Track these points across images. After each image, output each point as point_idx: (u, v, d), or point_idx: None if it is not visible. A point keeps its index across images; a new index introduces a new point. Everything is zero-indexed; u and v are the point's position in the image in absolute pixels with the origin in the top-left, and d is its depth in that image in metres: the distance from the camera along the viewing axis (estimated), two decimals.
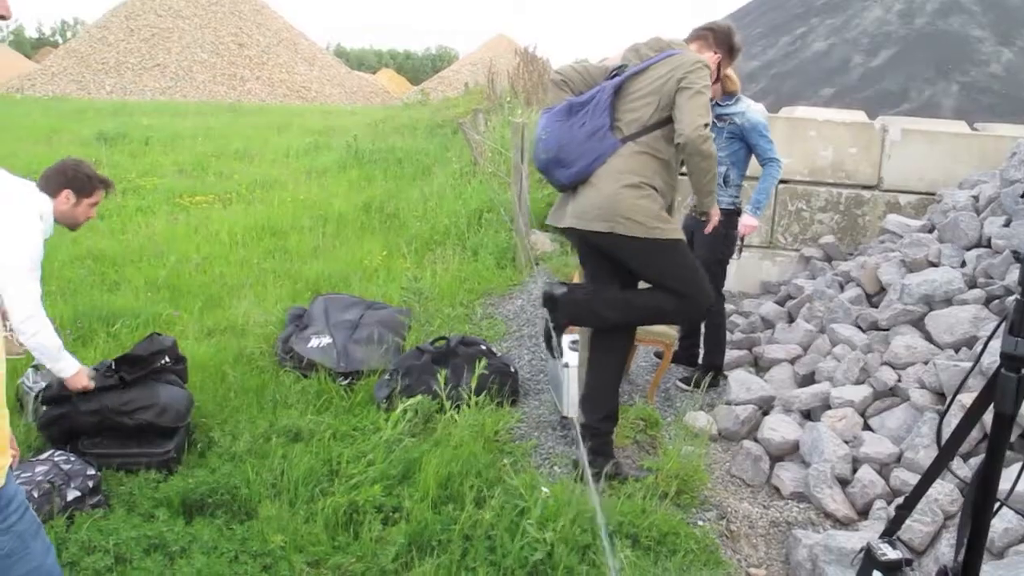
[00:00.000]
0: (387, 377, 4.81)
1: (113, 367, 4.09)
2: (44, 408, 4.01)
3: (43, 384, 4.30)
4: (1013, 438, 3.76)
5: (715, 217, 4.18)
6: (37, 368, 4.54)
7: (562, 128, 3.75)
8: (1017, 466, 3.43)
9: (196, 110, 27.26)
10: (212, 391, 4.68)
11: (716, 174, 3.93)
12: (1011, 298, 1.93)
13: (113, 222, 9.33)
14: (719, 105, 5.14)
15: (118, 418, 3.90)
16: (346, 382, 4.99)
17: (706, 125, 3.58)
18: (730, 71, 5.01)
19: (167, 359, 4.28)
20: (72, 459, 3.67)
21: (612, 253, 3.81)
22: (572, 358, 4.41)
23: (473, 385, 4.48)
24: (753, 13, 15.18)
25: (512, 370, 4.98)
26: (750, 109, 5.21)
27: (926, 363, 4.66)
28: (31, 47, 69.82)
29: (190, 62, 44.14)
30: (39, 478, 3.46)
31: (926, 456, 3.98)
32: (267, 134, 19.62)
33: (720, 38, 4.27)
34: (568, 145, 3.73)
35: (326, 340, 5.29)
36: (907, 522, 2.96)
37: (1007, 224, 5.51)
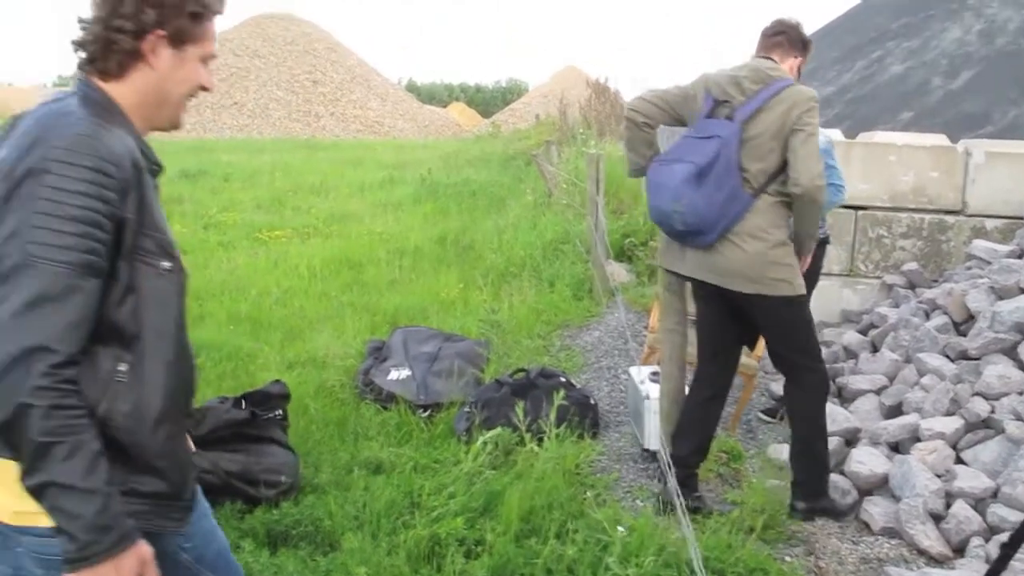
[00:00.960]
0: (466, 409, 4.82)
1: (243, 403, 4.17)
2: None
3: None
4: None
5: (810, 256, 4.09)
6: None
7: (698, 197, 3.55)
8: None
9: (273, 146, 27.86)
10: (294, 424, 4.74)
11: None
12: None
13: (196, 257, 9.56)
14: None
15: (238, 483, 3.92)
16: (426, 414, 5.01)
17: (821, 173, 3.52)
18: None
19: (281, 413, 4.33)
20: None
21: (749, 311, 3.79)
22: (652, 390, 4.37)
23: (552, 417, 4.46)
24: (827, 37, 15.02)
25: (592, 402, 4.95)
26: None
27: (1021, 394, 4.51)
28: None
29: (266, 100, 45.25)
30: None
31: None
32: (342, 169, 19.95)
33: (794, 38, 4.02)
34: (708, 215, 3.57)
35: (405, 372, 5.32)
36: (1013, 561, 2.85)
37: None
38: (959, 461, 4.42)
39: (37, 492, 1.47)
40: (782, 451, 4.76)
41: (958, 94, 10.38)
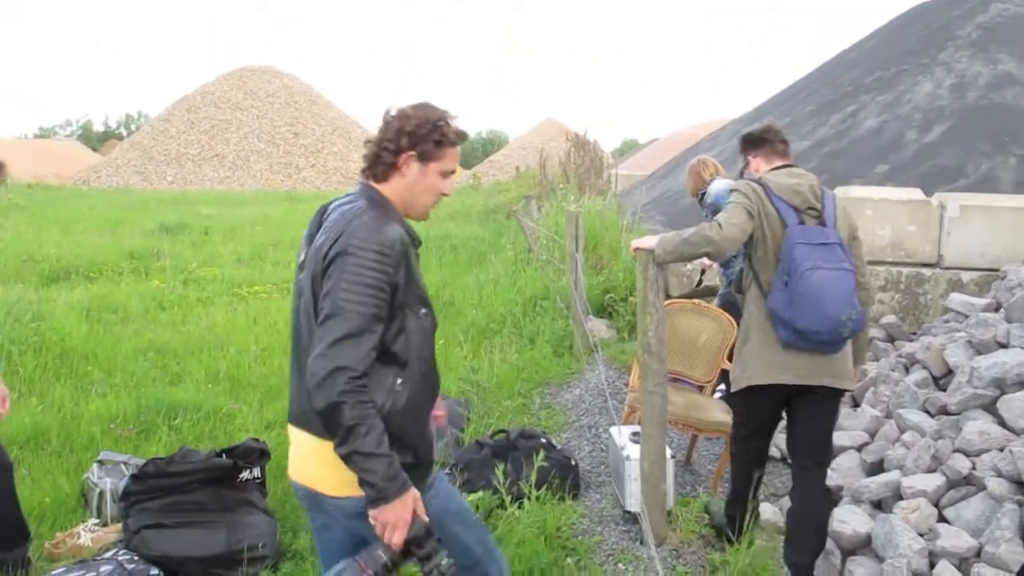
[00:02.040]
0: (447, 471, 4.78)
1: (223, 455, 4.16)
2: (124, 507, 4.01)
3: (109, 481, 4.36)
4: None
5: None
6: (102, 463, 4.61)
7: (847, 280, 3.70)
8: None
9: (253, 199, 27.93)
10: (272, 487, 4.68)
11: None
12: None
13: (175, 313, 9.52)
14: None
15: (218, 571, 3.89)
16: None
17: None
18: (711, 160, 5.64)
19: (260, 475, 4.30)
20: (135, 559, 3.68)
21: (816, 407, 3.91)
22: (633, 451, 4.36)
23: (533, 479, 4.44)
24: (803, 91, 15.24)
25: (573, 463, 4.93)
26: (713, 186, 5.60)
27: (1001, 450, 4.51)
28: (97, 140, 72.30)
29: (247, 152, 45.44)
30: None
31: (1008, 550, 3.83)
32: None
33: (758, 144, 4.19)
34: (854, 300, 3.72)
35: None
36: None
37: None
38: (942, 519, 4.41)
39: (347, 458, 2.23)
40: (764, 510, 4.74)
41: (932, 147, 10.51)
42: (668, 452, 4.33)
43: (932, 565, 4.04)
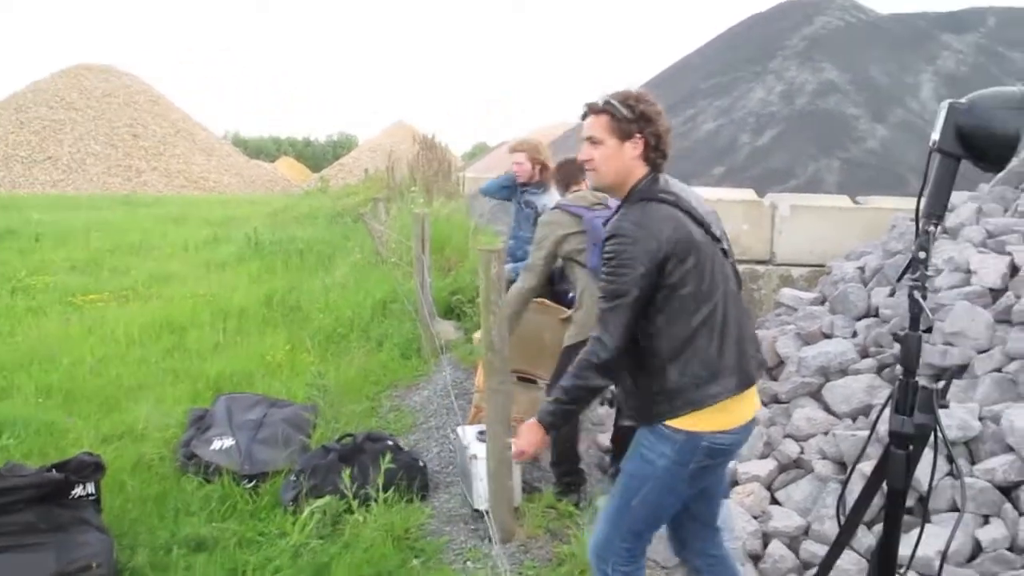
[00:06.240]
0: (293, 478, 4.71)
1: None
2: None
3: None
4: (911, 503, 3.88)
5: None
6: None
7: None
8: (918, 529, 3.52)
9: (89, 203, 26.70)
10: (109, 503, 4.50)
11: None
12: (897, 377, 2.03)
13: (1, 324, 9.01)
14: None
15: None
16: (251, 485, 4.87)
17: None
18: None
19: (94, 492, 4.09)
20: None
21: None
22: (480, 450, 4.40)
23: (380, 482, 4.42)
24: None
25: (420, 464, 4.93)
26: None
27: (826, 434, 4.78)
28: None
29: (83, 154, 43.42)
30: None
31: (832, 527, 4.06)
32: (164, 226, 19.30)
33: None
34: None
35: (229, 442, 5.16)
36: None
37: (892, 295, 5.73)
38: (774, 501, 4.64)
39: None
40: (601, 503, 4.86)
41: (764, 150, 11.00)
42: None
43: (765, 544, 4.25)
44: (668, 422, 2.67)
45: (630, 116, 2.71)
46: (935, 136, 2.08)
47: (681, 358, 2.65)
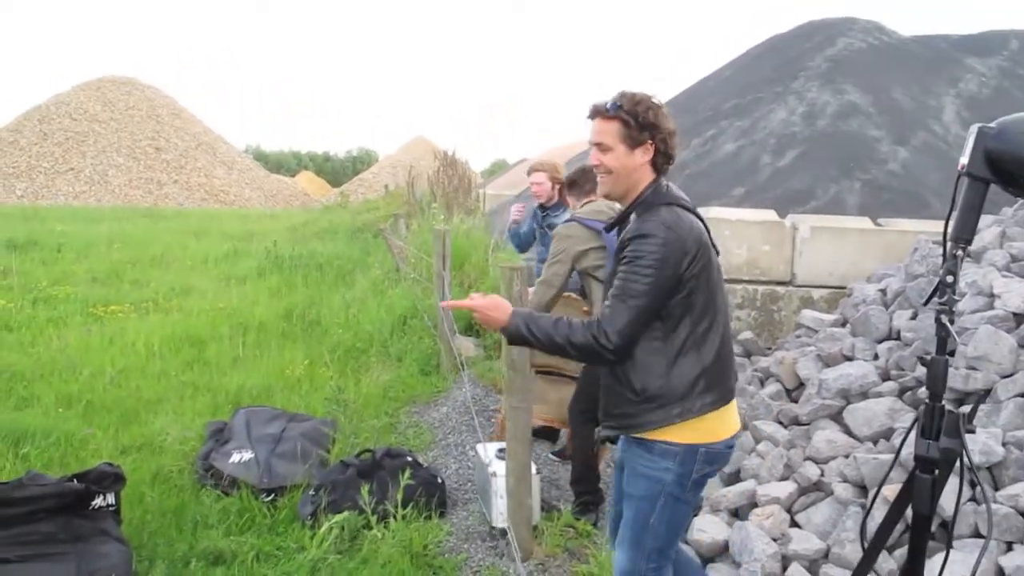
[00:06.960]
0: (311, 493, 4.72)
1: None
2: None
3: None
4: (933, 528, 3.85)
5: None
6: None
7: None
8: (941, 555, 3.49)
9: (111, 215, 26.89)
10: (128, 514, 4.52)
11: None
12: (922, 400, 2.02)
13: (22, 335, 9.07)
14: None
15: None
16: (269, 499, 4.87)
17: None
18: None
19: (114, 503, 4.11)
20: None
21: None
22: (499, 467, 4.39)
23: (399, 498, 4.42)
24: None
25: (439, 481, 4.93)
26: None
27: (847, 456, 4.75)
28: None
29: (105, 166, 43.72)
30: None
31: (852, 551, 4.03)
32: (185, 240, 19.41)
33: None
34: None
35: (248, 455, 5.18)
36: None
37: (914, 317, 5.70)
38: (794, 524, 4.60)
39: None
40: None
41: (785, 171, 10.95)
42: (533, 468, 4.39)
43: (784, 568, 4.21)
44: (663, 437, 2.71)
45: (641, 123, 2.73)
46: (964, 160, 2.07)
47: (684, 361, 2.67)
